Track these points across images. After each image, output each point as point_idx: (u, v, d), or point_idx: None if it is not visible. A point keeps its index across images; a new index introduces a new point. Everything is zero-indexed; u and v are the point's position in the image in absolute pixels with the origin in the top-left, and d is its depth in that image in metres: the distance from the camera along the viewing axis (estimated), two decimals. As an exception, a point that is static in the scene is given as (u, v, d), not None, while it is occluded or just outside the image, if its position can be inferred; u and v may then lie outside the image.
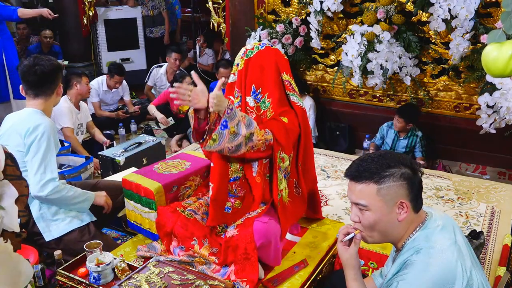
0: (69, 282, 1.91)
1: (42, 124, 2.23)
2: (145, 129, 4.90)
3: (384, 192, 1.36)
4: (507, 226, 2.80)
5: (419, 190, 1.40)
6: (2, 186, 0.99)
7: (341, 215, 2.95)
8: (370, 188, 1.37)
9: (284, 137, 2.07)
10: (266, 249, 1.99)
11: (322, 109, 4.41)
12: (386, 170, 1.36)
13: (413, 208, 1.38)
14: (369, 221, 1.40)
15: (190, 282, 1.72)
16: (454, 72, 3.81)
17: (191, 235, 2.08)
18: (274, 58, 2.17)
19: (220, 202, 2.15)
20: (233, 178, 2.16)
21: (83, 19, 6.16)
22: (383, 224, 1.39)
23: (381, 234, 1.42)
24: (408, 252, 1.38)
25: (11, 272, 1.01)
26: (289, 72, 2.22)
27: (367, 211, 1.39)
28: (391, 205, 1.37)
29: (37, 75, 2.30)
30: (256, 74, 2.15)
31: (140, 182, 2.28)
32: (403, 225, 1.40)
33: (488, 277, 2.34)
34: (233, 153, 1.96)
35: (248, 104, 2.17)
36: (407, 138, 3.82)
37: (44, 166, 2.22)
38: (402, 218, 1.38)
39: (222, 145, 1.92)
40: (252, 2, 4.48)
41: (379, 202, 1.37)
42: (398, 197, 1.36)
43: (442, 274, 1.29)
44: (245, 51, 2.18)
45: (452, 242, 1.35)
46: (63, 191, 2.27)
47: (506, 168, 3.80)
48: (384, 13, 3.64)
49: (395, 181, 1.35)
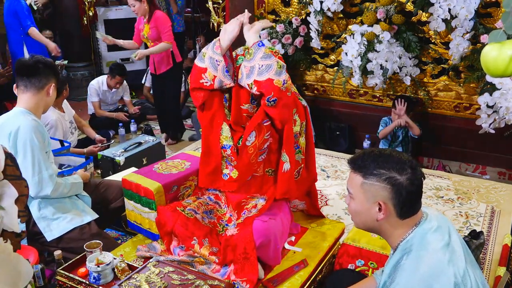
0: (69, 282, 1.91)
1: (21, 126, 2.20)
2: (145, 129, 4.91)
3: (366, 188, 1.40)
4: (507, 226, 2.80)
5: (409, 200, 1.37)
6: (2, 186, 0.99)
7: (341, 215, 2.95)
8: (357, 179, 1.42)
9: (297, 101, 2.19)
10: (266, 249, 1.99)
11: (322, 109, 4.41)
12: (376, 169, 1.39)
13: (397, 214, 1.39)
14: (352, 209, 1.47)
15: (190, 282, 1.72)
16: (454, 72, 3.81)
17: (191, 234, 2.08)
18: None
19: (211, 162, 2.23)
20: (224, 146, 2.18)
21: (83, 19, 6.17)
22: (363, 216, 1.45)
23: (363, 225, 1.49)
24: (400, 253, 1.39)
25: (11, 272, 1.01)
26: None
27: (352, 199, 1.46)
28: (371, 202, 1.40)
29: (30, 64, 2.32)
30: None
31: (140, 182, 2.29)
32: (385, 226, 1.42)
33: (488, 277, 2.35)
34: (260, 74, 1.99)
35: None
36: (403, 128, 3.85)
37: (38, 165, 2.22)
38: (380, 218, 1.40)
39: (255, 60, 1.99)
40: (252, 2, 4.49)
41: (361, 195, 1.42)
42: (378, 197, 1.38)
43: (431, 273, 1.29)
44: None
45: (445, 244, 1.35)
46: (60, 188, 2.31)
47: (506, 168, 3.80)
48: (384, 13, 3.64)
49: (379, 182, 1.37)
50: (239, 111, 2.17)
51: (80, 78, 6.37)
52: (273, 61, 1.98)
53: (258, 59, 1.99)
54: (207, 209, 2.23)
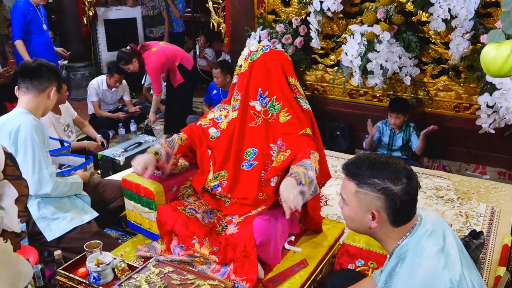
0: (69, 282, 1.90)
1: (22, 124, 2.21)
2: (145, 129, 4.91)
3: (360, 196, 1.38)
4: (507, 226, 2.80)
5: (403, 210, 1.36)
6: (2, 186, 0.99)
7: (341, 215, 2.93)
8: (351, 186, 1.40)
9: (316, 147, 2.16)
10: (266, 247, 1.99)
11: (322, 109, 4.41)
12: (370, 178, 1.36)
13: (390, 222, 1.38)
14: (346, 214, 1.46)
15: (190, 282, 1.72)
16: (454, 72, 3.81)
17: (191, 233, 2.08)
18: (279, 60, 2.16)
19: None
20: (213, 188, 2.22)
21: (83, 19, 6.17)
22: (356, 223, 1.44)
23: (356, 230, 1.49)
24: (395, 260, 1.38)
25: (11, 272, 1.01)
26: (294, 75, 2.22)
27: (345, 205, 1.45)
28: (364, 210, 1.38)
29: (34, 66, 2.33)
30: (262, 77, 2.13)
31: (140, 182, 2.29)
32: (378, 233, 1.41)
33: (488, 277, 2.35)
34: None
35: (255, 108, 2.17)
36: (403, 131, 3.84)
37: (38, 163, 2.22)
38: (373, 227, 1.39)
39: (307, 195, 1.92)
40: (252, 2, 4.48)
41: (355, 202, 1.40)
42: (371, 206, 1.36)
43: (426, 281, 1.28)
44: (249, 53, 2.16)
45: (439, 249, 1.33)
46: (60, 187, 2.31)
47: (506, 168, 3.80)
48: (384, 13, 3.64)
49: (373, 192, 1.35)
50: (246, 107, 2.18)
51: (80, 78, 6.37)
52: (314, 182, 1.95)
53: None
54: (207, 209, 2.23)
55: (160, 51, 4.49)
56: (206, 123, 2.30)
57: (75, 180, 2.45)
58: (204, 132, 2.29)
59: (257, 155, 2.16)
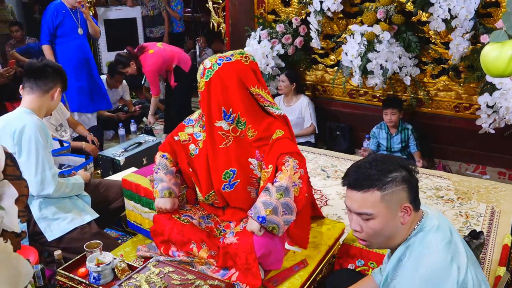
0: (69, 282, 1.91)
1: (26, 124, 2.22)
2: (145, 129, 4.91)
3: (388, 198, 1.33)
4: (507, 226, 2.80)
5: (417, 190, 1.40)
6: (2, 186, 0.99)
7: (341, 215, 2.94)
8: (374, 196, 1.33)
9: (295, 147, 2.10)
10: (267, 258, 1.96)
11: (322, 109, 4.41)
12: (387, 175, 1.33)
13: (414, 209, 1.38)
14: (374, 230, 1.36)
15: (190, 282, 1.72)
16: (454, 72, 3.81)
17: (188, 240, 2.06)
18: (236, 73, 2.02)
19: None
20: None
21: (83, 19, 6.15)
22: (387, 230, 1.36)
23: (385, 239, 1.40)
24: (402, 248, 1.38)
25: (11, 272, 1.01)
26: (257, 82, 2.08)
27: (372, 219, 1.35)
28: (395, 209, 1.34)
29: (39, 67, 2.33)
30: (221, 95, 2.02)
31: (140, 182, 2.29)
32: (406, 227, 1.39)
33: (488, 277, 2.34)
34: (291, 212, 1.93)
35: (222, 128, 2.06)
36: (399, 133, 3.84)
37: (41, 164, 2.22)
38: (405, 221, 1.36)
39: (279, 218, 1.89)
40: (252, 2, 4.48)
41: (383, 209, 1.33)
42: (401, 201, 1.34)
43: (432, 273, 1.29)
44: (203, 70, 2.04)
45: (447, 242, 1.34)
46: (62, 188, 2.31)
47: (506, 168, 3.80)
48: (384, 13, 3.64)
49: (397, 186, 1.33)
50: (212, 129, 2.08)
51: (80, 78, 6.35)
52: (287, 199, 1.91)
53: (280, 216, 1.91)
54: (203, 214, 2.21)
55: (157, 53, 4.48)
56: (185, 139, 2.19)
57: (77, 181, 2.45)
58: (184, 149, 2.20)
59: (237, 174, 2.08)
